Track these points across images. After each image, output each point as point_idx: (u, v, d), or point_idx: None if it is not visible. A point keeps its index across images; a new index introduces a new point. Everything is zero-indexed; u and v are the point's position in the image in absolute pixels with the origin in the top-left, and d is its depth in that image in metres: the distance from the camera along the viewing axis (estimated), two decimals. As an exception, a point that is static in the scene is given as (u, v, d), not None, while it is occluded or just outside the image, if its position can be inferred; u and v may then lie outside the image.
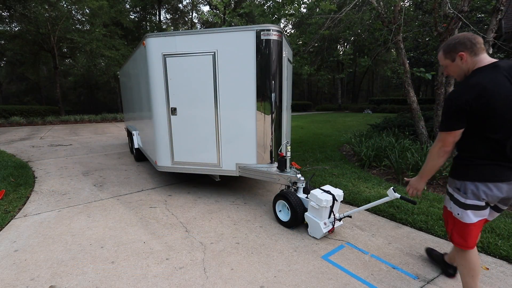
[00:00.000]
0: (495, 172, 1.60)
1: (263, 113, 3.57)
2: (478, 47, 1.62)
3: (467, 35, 1.67)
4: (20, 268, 2.39)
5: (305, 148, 7.51)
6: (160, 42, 3.72)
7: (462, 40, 1.65)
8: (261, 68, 3.46)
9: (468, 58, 1.64)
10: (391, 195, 2.29)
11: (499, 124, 1.54)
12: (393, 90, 36.12)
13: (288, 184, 3.33)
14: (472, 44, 1.63)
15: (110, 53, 18.75)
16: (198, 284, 2.17)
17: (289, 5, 6.72)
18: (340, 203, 2.99)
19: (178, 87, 3.79)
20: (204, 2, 30.30)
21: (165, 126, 3.96)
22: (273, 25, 3.42)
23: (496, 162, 1.60)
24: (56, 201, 3.98)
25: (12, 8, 16.03)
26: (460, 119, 1.59)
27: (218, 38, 3.50)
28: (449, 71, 1.78)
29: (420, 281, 2.19)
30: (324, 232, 2.79)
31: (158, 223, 3.25)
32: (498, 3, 4.71)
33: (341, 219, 2.87)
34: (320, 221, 2.78)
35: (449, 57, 1.72)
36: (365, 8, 6.74)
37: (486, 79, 1.54)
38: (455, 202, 1.75)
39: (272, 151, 3.70)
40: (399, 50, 5.71)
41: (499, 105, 1.51)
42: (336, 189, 2.92)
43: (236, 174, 3.80)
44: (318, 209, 2.78)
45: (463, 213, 1.71)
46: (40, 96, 28.28)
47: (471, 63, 1.65)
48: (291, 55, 4.78)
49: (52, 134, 11.82)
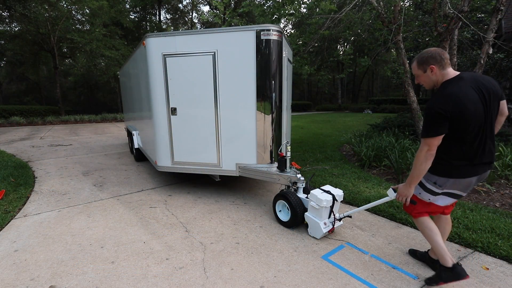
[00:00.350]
0: (468, 170, 1.89)
1: (263, 113, 3.57)
2: (445, 62, 1.89)
3: (438, 50, 1.91)
4: (20, 268, 2.39)
5: (305, 148, 7.51)
6: (160, 42, 3.72)
7: (433, 54, 1.89)
8: (261, 68, 3.45)
9: (437, 71, 1.90)
10: (391, 195, 2.31)
11: (469, 128, 1.79)
12: (393, 90, 36.11)
13: (288, 184, 3.32)
14: (441, 59, 1.88)
15: (110, 53, 18.74)
16: (198, 284, 2.17)
17: (289, 5, 6.71)
18: (340, 203, 2.99)
19: (178, 87, 3.79)
20: (204, 2, 30.31)
21: (165, 126, 3.95)
22: (273, 25, 3.41)
23: (468, 162, 1.88)
24: (56, 201, 3.98)
25: (12, 8, 16.02)
26: (443, 125, 1.79)
27: (218, 38, 3.49)
28: (420, 80, 2.03)
29: (420, 281, 2.19)
30: (324, 232, 2.79)
31: (158, 223, 3.25)
32: (498, 3, 4.71)
33: (341, 219, 2.87)
34: (320, 221, 2.78)
35: (422, 68, 1.96)
36: (365, 8, 6.74)
37: (458, 90, 1.79)
38: (427, 191, 2.05)
39: (272, 151, 3.70)
40: (399, 50, 5.71)
41: (469, 112, 1.76)
42: (336, 189, 2.92)
43: (236, 174, 3.79)
44: (318, 209, 2.78)
45: (435, 198, 2.05)
46: (40, 96, 28.26)
47: (439, 75, 1.91)
48: (291, 55, 4.77)
49: (52, 134, 11.82)
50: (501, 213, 3.29)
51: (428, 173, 1.98)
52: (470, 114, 1.76)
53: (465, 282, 2.16)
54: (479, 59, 4.93)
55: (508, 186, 4.16)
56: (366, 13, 7.04)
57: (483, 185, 4.15)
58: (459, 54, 8.11)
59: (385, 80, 36.51)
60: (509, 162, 4.57)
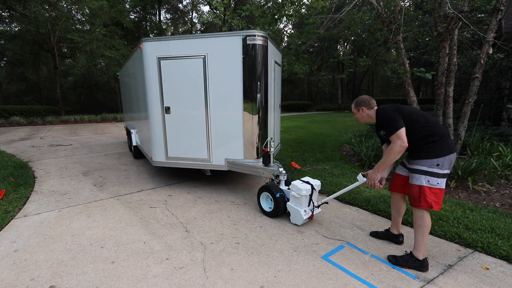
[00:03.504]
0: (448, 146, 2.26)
1: (250, 112, 3.83)
2: (372, 105, 2.55)
3: (367, 97, 2.59)
4: (20, 268, 2.39)
5: (305, 148, 7.51)
6: (155, 46, 3.98)
7: (364, 100, 2.58)
8: (247, 70, 3.71)
9: (367, 110, 2.56)
10: (361, 180, 2.58)
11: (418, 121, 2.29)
12: (393, 90, 36.11)
13: (271, 177, 3.61)
14: (369, 103, 2.55)
15: (110, 53, 18.73)
16: (198, 284, 2.17)
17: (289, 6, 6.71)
18: (318, 193, 3.27)
19: (171, 88, 4.05)
20: (204, 2, 30.31)
21: (160, 124, 4.21)
22: (259, 30, 3.69)
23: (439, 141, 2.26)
24: (56, 201, 3.98)
25: (12, 8, 16.01)
26: (400, 119, 2.27)
27: (208, 42, 3.75)
28: (357, 116, 2.67)
29: (420, 281, 2.19)
30: (305, 219, 3.05)
31: (158, 223, 3.25)
32: (498, 3, 4.71)
33: (319, 206, 3.16)
34: (301, 208, 3.05)
35: (356, 109, 2.63)
36: (365, 8, 6.74)
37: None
38: (432, 175, 2.25)
39: (258, 148, 3.98)
40: (399, 50, 5.71)
41: (408, 110, 2.35)
42: (314, 180, 3.18)
43: (225, 168, 4.06)
44: (298, 198, 3.05)
45: (441, 182, 2.25)
46: (40, 96, 28.26)
47: (370, 113, 2.56)
48: (279, 58, 5.02)
49: (52, 134, 11.82)
50: (501, 213, 3.29)
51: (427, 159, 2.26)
52: (408, 109, 2.37)
53: (465, 282, 2.16)
54: (479, 59, 4.93)
55: (508, 186, 4.16)
56: (366, 13, 7.04)
57: (483, 185, 4.15)
58: (459, 54, 8.11)
59: (385, 80, 36.52)
60: (509, 162, 4.58)
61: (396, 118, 2.27)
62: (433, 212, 3.26)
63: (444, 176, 2.24)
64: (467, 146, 5.56)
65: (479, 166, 4.19)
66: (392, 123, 2.28)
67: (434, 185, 2.24)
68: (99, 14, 18.40)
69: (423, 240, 2.30)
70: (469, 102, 5.09)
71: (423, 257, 2.32)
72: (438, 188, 2.24)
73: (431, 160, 2.23)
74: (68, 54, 23.54)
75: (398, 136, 2.23)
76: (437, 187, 2.24)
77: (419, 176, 2.28)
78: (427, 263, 2.32)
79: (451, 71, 5.49)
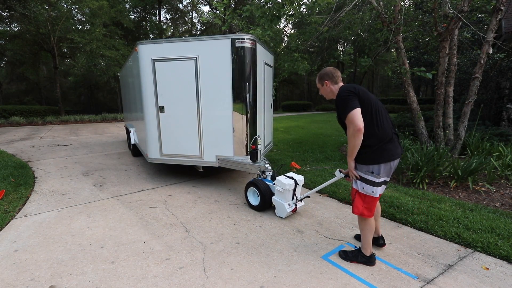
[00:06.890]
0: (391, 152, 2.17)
1: (239, 112, 4.00)
2: (337, 79, 2.31)
3: (331, 69, 2.33)
4: (20, 268, 2.39)
5: (305, 148, 7.51)
6: (150, 48, 4.16)
7: (328, 72, 2.33)
8: (237, 72, 3.87)
9: (330, 85, 2.33)
10: (338, 175, 2.56)
11: (371, 109, 2.11)
12: (393, 90, 36.09)
13: (258, 173, 3.77)
14: (333, 76, 2.30)
15: (110, 53, 18.73)
16: (198, 284, 2.17)
17: (289, 6, 6.71)
18: (301, 187, 3.42)
19: (165, 88, 4.23)
20: (204, 2, 30.31)
21: (155, 122, 4.41)
22: (247, 34, 3.86)
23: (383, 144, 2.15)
24: (56, 201, 3.98)
25: (12, 8, 16.01)
26: (356, 100, 2.06)
27: (199, 45, 3.93)
28: (321, 92, 2.43)
29: (420, 281, 2.19)
30: (288, 212, 3.21)
31: (158, 223, 3.25)
32: (498, 3, 4.71)
33: (302, 199, 3.32)
34: (285, 202, 3.22)
35: (320, 83, 2.39)
36: (365, 8, 6.74)
37: (352, 84, 2.21)
38: (367, 182, 2.19)
39: (247, 145, 4.12)
40: (399, 50, 5.71)
41: (366, 93, 2.15)
42: (298, 175, 3.31)
43: (216, 165, 4.25)
44: (282, 192, 3.20)
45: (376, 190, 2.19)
46: (40, 96, 28.24)
47: (334, 88, 2.31)
48: (270, 60, 5.16)
49: (52, 134, 11.82)
50: (501, 213, 3.29)
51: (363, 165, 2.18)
52: (368, 94, 2.15)
53: (465, 282, 2.16)
54: (479, 59, 4.93)
55: (508, 186, 4.17)
56: (366, 13, 7.03)
57: (483, 185, 4.15)
58: (459, 54, 8.11)
59: (385, 80, 36.50)
60: (509, 162, 4.58)
61: (349, 98, 2.06)
62: (433, 212, 3.27)
63: (380, 185, 2.17)
64: (467, 146, 5.56)
65: (479, 166, 4.19)
66: (345, 103, 2.06)
67: (368, 193, 2.19)
68: (99, 14, 18.41)
69: (366, 241, 2.36)
70: (469, 102, 5.09)
71: (370, 253, 2.38)
72: (371, 196, 2.20)
73: (367, 166, 2.16)
74: (68, 54, 23.54)
75: (350, 120, 2.03)
76: (371, 195, 2.19)
77: (356, 181, 2.25)
78: (374, 258, 2.38)
79: (451, 71, 5.48)
